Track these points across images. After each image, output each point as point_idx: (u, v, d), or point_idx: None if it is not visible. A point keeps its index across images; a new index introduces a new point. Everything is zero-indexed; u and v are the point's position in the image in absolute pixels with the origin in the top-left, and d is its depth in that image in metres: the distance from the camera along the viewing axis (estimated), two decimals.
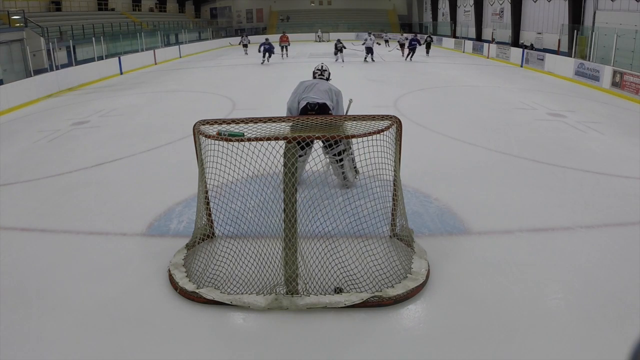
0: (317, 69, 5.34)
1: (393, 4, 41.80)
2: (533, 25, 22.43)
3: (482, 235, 4.19)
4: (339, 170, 4.88)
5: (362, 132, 3.22)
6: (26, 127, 9.19)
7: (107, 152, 7.00)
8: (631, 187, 5.28)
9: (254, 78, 15.33)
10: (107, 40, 20.61)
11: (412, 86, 12.74)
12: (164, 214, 4.66)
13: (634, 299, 3.19)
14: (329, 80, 5.22)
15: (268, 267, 3.35)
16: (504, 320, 3.01)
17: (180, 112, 9.89)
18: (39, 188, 5.61)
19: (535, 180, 5.53)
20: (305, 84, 4.94)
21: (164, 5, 35.89)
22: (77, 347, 2.84)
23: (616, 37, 13.51)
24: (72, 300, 3.28)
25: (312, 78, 5.24)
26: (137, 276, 3.58)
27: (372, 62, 19.60)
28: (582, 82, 13.63)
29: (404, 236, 3.88)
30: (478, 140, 7.22)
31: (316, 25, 36.55)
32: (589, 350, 2.76)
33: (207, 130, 3.43)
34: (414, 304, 3.18)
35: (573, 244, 4.04)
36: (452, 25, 31.98)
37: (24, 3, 20.64)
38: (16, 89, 11.63)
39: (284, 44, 22.29)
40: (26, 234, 4.37)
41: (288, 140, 3.15)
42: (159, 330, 2.97)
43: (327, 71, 5.32)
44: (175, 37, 29.68)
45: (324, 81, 5.08)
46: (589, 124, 8.51)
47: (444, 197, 4.95)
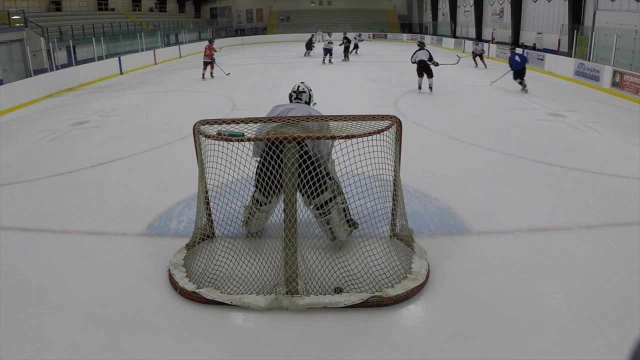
0: (293, 90, 4.25)
1: (393, 4, 41.77)
2: (533, 25, 22.42)
3: (482, 235, 4.19)
4: (325, 227, 3.72)
5: (362, 132, 3.22)
6: (26, 127, 9.19)
7: (107, 152, 7.00)
8: (631, 187, 5.28)
9: (254, 78, 15.32)
10: (107, 40, 20.61)
11: (412, 86, 12.73)
12: (164, 214, 4.66)
13: (634, 299, 3.19)
14: (310, 104, 4.25)
15: (268, 267, 3.35)
16: (504, 320, 3.01)
17: (180, 112, 9.88)
18: (39, 188, 5.61)
19: (535, 180, 5.53)
20: (280, 109, 3.98)
21: (164, 5, 35.87)
22: (77, 347, 2.84)
23: (616, 37, 13.51)
24: (72, 300, 3.28)
25: (289, 101, 4.28)
26: (137, 276, 3.58)
27: (330, 63, 18.78)
28: (582, 82, 13.63)
29: (404, 236, 3.88)
30: (478, 140, 7.21)
31: (316, 25, 36.54)
32: (589, 350, 2.76)
33: (207, 130, 3.43)
34: (414, 304, 3.18)
35: (573, 244, 4.04)
36: (452, 25, 31.97)
37: (24, 3, 20.63)
38: (16, 89, 11.63)
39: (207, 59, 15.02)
40: (26, 234, 4.37)
41: (288, 140, 3.14)
42: (159, 330, 2.97)
43: (307, 93, 4.22)
44: (175, 37, 29.67)
45: (303, 105, 4.05)
46: (589, 124, 8.51)
47: (444, 197, 4.95)
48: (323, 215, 3.67)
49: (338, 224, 3.72)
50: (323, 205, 3.63)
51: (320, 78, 13.66)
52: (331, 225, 3.70)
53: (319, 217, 3.71)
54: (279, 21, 41.13)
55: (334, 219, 3.69)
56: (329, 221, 3.68)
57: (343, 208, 3.78)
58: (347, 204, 3.85)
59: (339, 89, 12.50)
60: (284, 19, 41.23)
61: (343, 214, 3.78)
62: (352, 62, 19.24)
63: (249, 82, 14.30)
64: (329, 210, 3.65)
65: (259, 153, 3.68)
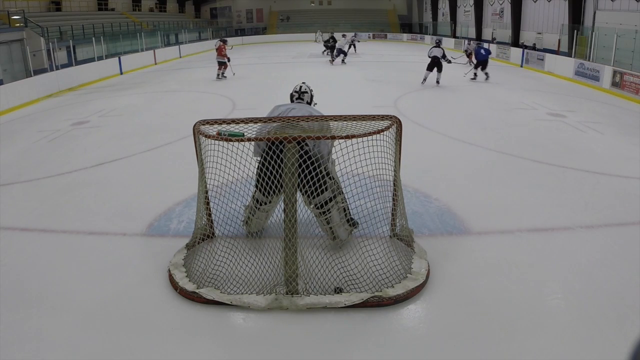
0: (294, 90, 4.27)
1: (393, 4, 41.78)
2: (533, 25, 22.42)
3: (482, 235, 4.19)
4: (326, 226, 3.75)
5: (362, 132, 3.22)
6: (26, 127, 9.19)
7: (107, 152, 7.00)
8: (631, 187, 5.28)
9: (254, 78, 15.33)
10: (107, 40, 20.61)
11: (412, 86, 12.74)
12: (164, 214, 4.66)
13: (634, 299, 3.20)
14: (311, 104, 4.28)
15: (268, 267, 3.35)
16: (504, 320, 3.01)
17: (180, 112, 9.89)
18: (39, 188, 5.61)
19: (535, 180, 5.53)
20: (281, 109, 4.00)
21: (164, 5, 35.88)
22: (77, 347, 2.84)
23: (616, 37, 13.51)
24: (72, 300, 3.28)
25: (290, 102, 4.28)
26: (137, 276, 3.58)
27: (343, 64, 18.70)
28: (582, 82, 13.63)
29: (404, 236, 3.88)
30: (478, 140, 7.21)
31: (316, 26, 36.54)
32: (589, 350, 2.76)
33: (207, 130, 3.43)
34: (414, 304, 3.18)
35: (573, 244, 4.04)
36: (452, 25, 31.97)
37: (24, 3, 20.63)
38: (16, 89, 11.63)
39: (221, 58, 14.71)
40: (26, 234, 4.37)
41: (288, 140, 3.14)
42: (159, 330, 2.97)
43: (308, 93, 4.26)
44: (175, 37, 29.68)
45: (305, 105, 4.07)
46: (589, 124, 8.51)
47: (444, 197, 4.95)
48: (323, 214, 3.68)
49: (338, 223, 3.74)
50: (323, 205, 3.64)
51: (320, 78, 13.65)
52: (332, 225, 3.71)
53: (320, 217, 3.72)
54: (279, 21, 41.13)
55: (335, 219, 3.71)
56: (330, 220, 3.70)
57: (343, 207, 3.81)
58: (347, 204, 3.88)
59: (339, 89, 12.49)
60: (284, 19, 41.24)
61: (343, 214, 3.80)
62: (352, 62, 19.21)
63: (249, 82, 14.30)
64: (330, 209, 3.66)
65: (259, 153, 3.70)
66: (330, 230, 3.74)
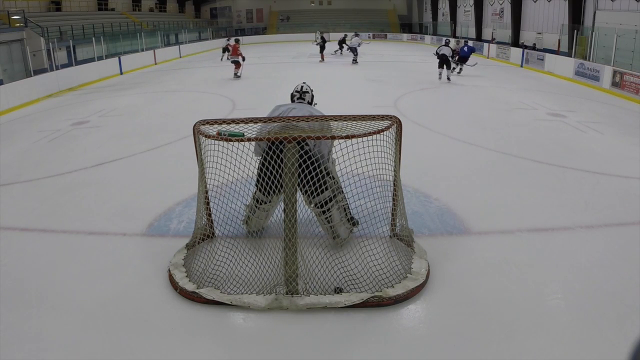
0: (295, 90, 4.27)
1: (393, 4, 41.78)
2: (533, 25, 22.43)
3: (482, 235, 4.19)
4: (326, 225, 3.76)
5: (362, 132, 3.22)
6: (26, 127, 9.19)
7: (107, 152, 7.00)
8: (631, 187, 5.28)
9: (254, 78, 15.32)
10: (107, 40, 20.61)
11: (412, 86, 12.74)
12: (164, 214, 4.66)
13: (634, 299, 3.19)
14: (312, 104, 4.29)
15: (268, 267, 3.35)
16: (504, 320, 3.01)
17: (180, 112, 9.89)
18: (39, 188, 5.61)
19: (535, 180, 5.53)
20: (281, 108, 3.99)
21: (164, 5, 35.88)
22: (77, 347, 2.84)
23: (616, 37, 13.51)
24: (72, 300, 3.28)
25: (290, 101, 4.28)
26: (137, 276, 3.58)
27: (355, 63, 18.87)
28: (582, 82, 13.63)
29: (404, 236, 3.88)
30: (478, 140, 7.22)
31: (316, 26, 36.54)
32: (589, 350, 2.76)
33: (207, 130, 3.43)
34: (414, 304, 3.18)
35: (573, 244, 4.04)
36: (452, 25, 31.98)
37: (24, 3, 20.63)
38: (16, 89, 11.63)
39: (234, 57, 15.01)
40: (26, 234, 4.37)
41: (288, 140, 3.14)
42: (159, 330, 2.97)
43: (309, 93, 4.28)
44: (175, 37, 29.69)
45: (305, 105, 4.07)
46: (589, 124, 8.51)
47: (444, 197, 4.95)
48: (324, 214, 3.70)
49: (339, 222, 3.76)
50: (324, 204, 3.66)
51: (320, 78, 13.65)
52: (332, 224, 3.73)
53: (320, 216, 3.74)
54: (279, 21, 41.13)
55: (335, 218, 3.73)
56: (330, 220, 3.71)
57: (344, 207, 3.84)
58: (347, 203, 3.90)
59: (339, 89, 12.49)
60: (284, 19, 41.24)
61: (344, 213, 3.83)
62: (351, 62, 19.21)
63: (249, 82, 14.29)
64: (330, 208, 3.69)
65: (260, 152, 3.71)
66: (330, 229, 3.76)
